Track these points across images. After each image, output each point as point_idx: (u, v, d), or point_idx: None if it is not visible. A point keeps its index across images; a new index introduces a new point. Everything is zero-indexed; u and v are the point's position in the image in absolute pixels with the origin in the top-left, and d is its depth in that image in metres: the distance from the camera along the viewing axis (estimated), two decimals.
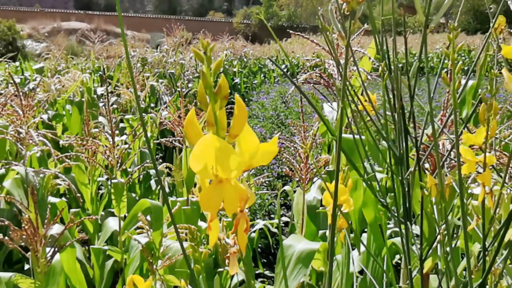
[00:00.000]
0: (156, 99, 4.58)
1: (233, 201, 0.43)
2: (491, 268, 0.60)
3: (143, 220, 1.59)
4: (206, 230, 2.48)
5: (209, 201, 0.43)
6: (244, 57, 10.21)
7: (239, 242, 0.45)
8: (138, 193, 2.77)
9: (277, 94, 8.36)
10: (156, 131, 3.10)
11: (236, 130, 0.43)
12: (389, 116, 0.87)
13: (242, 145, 0.44)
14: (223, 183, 0.42)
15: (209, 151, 0.40)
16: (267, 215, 3.76)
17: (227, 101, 0.42)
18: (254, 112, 6.86)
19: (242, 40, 14.18)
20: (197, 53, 0.40)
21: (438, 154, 0.69)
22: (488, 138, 0.61)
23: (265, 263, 3.19)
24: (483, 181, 0.63)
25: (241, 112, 0.43)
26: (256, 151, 0.43)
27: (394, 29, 0.79)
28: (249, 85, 9.54)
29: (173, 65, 5.68)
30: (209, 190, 0.43)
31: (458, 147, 0.57)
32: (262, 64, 12.34)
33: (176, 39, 6.16)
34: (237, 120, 0.43)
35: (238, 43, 11.55)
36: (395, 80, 0.79)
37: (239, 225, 0.45)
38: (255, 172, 3.99)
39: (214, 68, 0.42)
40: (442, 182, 0.69)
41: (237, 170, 0.41)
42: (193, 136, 0.42)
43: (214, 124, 0.42)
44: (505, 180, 0.64)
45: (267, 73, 12.07)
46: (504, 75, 0.47)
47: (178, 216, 1.97)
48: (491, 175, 0.62)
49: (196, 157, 0.41)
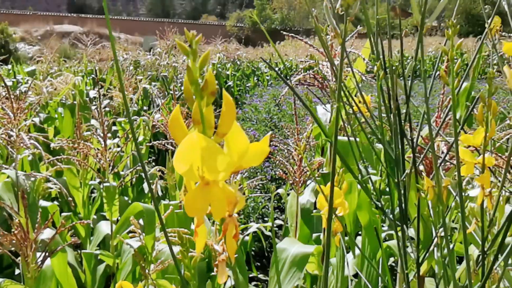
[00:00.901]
0: (149, 102, 4.55)
1: (220, 205, 0.40)
2: (490, 272, 0.59)
3: (135, 224, 1.57)
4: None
5: (194, 205, 0.40)
6: (237, 60, 10.20)
7: (228, 248, 0.43)
8: (130, 197, 2.75)
9: (270, 97, 8.35)
10: (149, 134, 3.08)
11: (224, 128, 0.40)
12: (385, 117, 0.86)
13: (230, 144, 0.41)
14: (210, 186, 0.39)
15: (194, 150, 0.37)
16: (260, 218, 3.75)
17: (214, 97, 0.39)
18: (247, 115, 6.85)
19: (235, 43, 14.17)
20: (182, 46, 0.38)
21: (435, 155, 0.68)
22: (487, 139, 0.60)
23: (259, 266, 3.17)
24: (482, 182, 0.62)
25: (229, 109, 0.40)
26: (246, 150, 0.40)
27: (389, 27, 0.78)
28: (242, 88, 9.53)
29: (166, 68, 5.65)
30: (195, 193, 0.40)
31: (457, 147, 0.56)
32: (255, 67, 12.33)
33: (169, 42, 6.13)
34: (225, 118, 0.40)
35: (231, 46, 11.54)
36: (390, 80, 0.78)
37: (227, 230, 0.42)
38: (248, 175, 3.98)
39: (201, 62, 0.39)
40: (440, 184, 0.67)
41: (225, 171, 0.38)
42: (178, 135, 0.39)
43: (201, 122, 0.39)
44: (504, 182, 0.63)
45: (260, 76, 12.07)
46: (505, 72, 0.46)
47: (171, 219, 1.95)
48: (490, 177, 0.61)
49: (180, 157, 0.38)
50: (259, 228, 2.78)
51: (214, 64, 8.19)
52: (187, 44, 0.41)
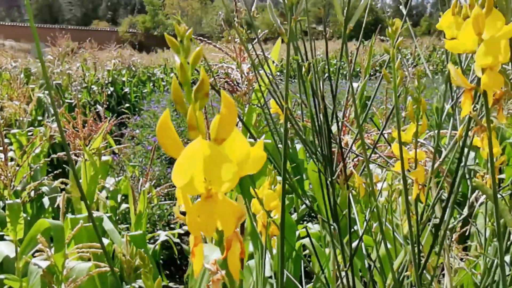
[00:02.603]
0: (43, 111, 4.31)
1: (230, 219, 0.36)
2: (426, 262, 0.61)
3: (43, 242, 1.47)
4: (109, 246, 2.35)
5: (202, 222, 0.36)
6: (132, 66, 9.97)
7: (231, 267, 0.39)
8: (29, 213, 2.57)
9: (168, 103, 8.25)
10: (47, 146, 2.91)
11: (224, 133, 0.36)
12: (307, 115, 0.87)
13: (230, 151, 0.36)
14: (213, 199, 0.35)
15: (196, 160, 0.34)
16: (167, 225, 3.69)
17: (207, 99, 0.35)
18: (146, 121, 6.72)
19: (129, 49, 13.84)
20: (172, 42, 0.34)
21: (365, 153, 0.70)
22: (419, 134, 0.62)
23: (168, 274, 3.11)
24: (415, 177, 0.64)
25: (230, 112, 0.36)
26: (247, 158, 0.36)
27: (309, 30, 0.79)
28: (139, 95, 9.32)
29: (59, 75, 5.38)
30: (198, 209, 0.36)
31: (401, 143, 0.57)
32: (151, 73, 12.14)
33: (61, 48, 5.85)
34: (224, 122, 0.36)
35: (125, 52, 11.25)
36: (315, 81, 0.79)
37: (231, 248, 0.38)
38: (157, 183, 3.89)
39: (193, 60, 0.35)
40: (371, 180, 0.69)
41: (231, 181, 0.34)
42: (168, 143, 0.35)
43: (196, 128, 0.35)
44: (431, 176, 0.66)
45: (156, 81, 11.90)
46: (451, 70, 0.48)
47: (79, 235, 1.85)
48: (424, 171, 0.63)
49: (180, 170, 0.34)
50: (168, 235, 2.73)
51: (109, 70, 7.94)
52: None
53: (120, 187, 3.04)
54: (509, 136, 2.53)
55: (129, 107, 7.99)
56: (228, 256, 0.38)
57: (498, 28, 0.45)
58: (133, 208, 2.41)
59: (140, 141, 5.46)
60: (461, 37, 0.47)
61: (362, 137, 0.69)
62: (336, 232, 0.79)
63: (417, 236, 0.63)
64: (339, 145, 0.80)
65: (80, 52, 8.06)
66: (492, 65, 0.45)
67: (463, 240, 1.63)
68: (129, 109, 7.91)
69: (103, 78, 7.28)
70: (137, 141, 5.50)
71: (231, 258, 0.38)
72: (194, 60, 0.34)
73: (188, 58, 0.35)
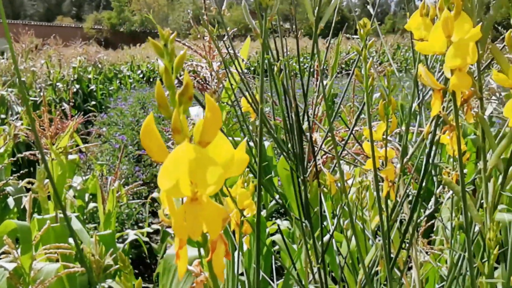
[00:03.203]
0: (6, 109, 4.21)
1: (216, 221, 0.36)
2: (397, 257, 0.62)
3: (10, 244, 1.44)
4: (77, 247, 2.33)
5: (188, 225, 0.36)
6: (98, 63, 9.83)
7: (215, 268, 0.39)
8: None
9: (135, 100, 8.18)
10: (11, 144, 2.85)
11: (208, 136, 0.36)
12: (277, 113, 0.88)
13: (214, 154, 0.36)
14: (199, 202, 0.35)
15: (182, 163, 0.34)
16: (135, 224, 3.66)
17: (191, 102, 0.36)
18: (113, 119, 6.65)
19: (95, 45, 13.63)
20: (156, 46, 0.34)
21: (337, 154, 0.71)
22: (389, 133, 0.63)
23: (137, 273, 3.09)
24: (386, 175, 0.65)
25: (215, 116, 0.36)
26: (231, 160, 0.37)
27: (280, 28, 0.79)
28: (105, 92, 9.21)
29: (23, 72, 5.26)
30: (183, 212, 0.36)
31: (372, 142, 0.58)
32: (117, 70, 12.00)
33: (25, 45, 5.72)
34: (209, 125, 0.36)
35: (91, 48, 11.09)
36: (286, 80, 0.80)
37: (216, 249, 0.38)
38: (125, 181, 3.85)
39: (177, 64, 0.35)
40: (343, 178, 0.70)
41: (216, 184, 0.34)
42: (152, 146, 0.35)
43: (181, 131, 0.35)
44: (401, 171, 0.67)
45: (123, 79, 11.77)
46: (421, 71, 0.49)
47: (46, 235, 1.82)
48: (394, 169, 0.65)
49: (166, 173, 0.34)
50: (137, 235, 2.71)
51: (75, 68, 7.80)
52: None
53: (87, 186, 3.00)
54: (471, 133, 2.59)
55: (96, 104, 7.88)
56: (213, 258, 0.38)
57: (466, 31, 0.47)
58: (102, 208, 2.38)
59: (107, 139, 5.40)
60: (431, 39, 0.48)
61: (333, 136, 0.70)
62: (308, 229, 0.81)
63: (387, 232, 0.64)
64: (310, 143, 0.81)
65: (44, 48, 7.90)
66: (460, 67, 0.47)
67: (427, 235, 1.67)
68: (96, 107, 7.80)
69: (68, 76, 7.16)
70: (104, 139, 5.44)
71: (216, 259, 0.38)
72: (178, 63, 0.34)
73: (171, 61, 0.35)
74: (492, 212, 0.57)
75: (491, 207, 0.57)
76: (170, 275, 1.48)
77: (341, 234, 1.45)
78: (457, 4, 0.46)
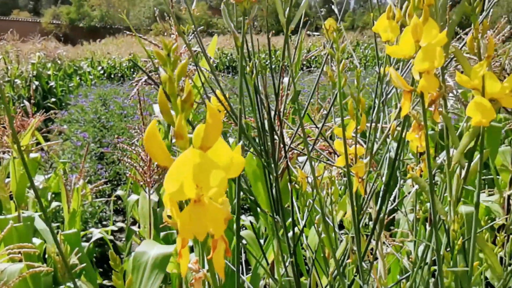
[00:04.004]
0: None
1: (220, 221, 0.38)
2: (366, 250, 0.65)
3: None
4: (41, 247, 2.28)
5: (194, 225, 0.37)
6: (58, 59, 9.63)
7: (216, 266, 0.40)
8: None
9: (96, 97, 8.06)
10: None
11: (209, 141, 0.38)
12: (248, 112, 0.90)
13: (215, 158, 0.38)
14: (202, 203, 0.37)
15: (187, 168, 0.35)
16: (99, 222, 3.63)
17: (192, 109, 0.37)
18: (74, 116, 6.54)
19: (54, 41, 13.34)
20: (160, 56, 0.35)
21: (308, 148, 0.73)
22: (358, 131, 0.66)
23: (102, 272, 3.07)
24: (356, 171, 0.68)
25: (215, 121, 0.37)
26: (230, 164, 0.38)
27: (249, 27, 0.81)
28: (65, 89, 9.03)
29: None
30: (190, 213, 0.37)
31: (345, 140, 0.61)
32: (77, 66, 11.79)
33: None
34: (210, 131, 0.38)
35: (50, 44, 10.84)
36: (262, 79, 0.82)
37: (217, 247, 0.39)
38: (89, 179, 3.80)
39: (179, 73, 0.36)
40: (314, 174, 0.73)
41: (219, 187, 0.36)
42: (156, 152, 0.37)
43: (184, 137, 0.37)
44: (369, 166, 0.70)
45: (83, 75, 11.58)
46: (391, 73, 0.52)
47: (9, 235, 1.80)
48: (364, 166, 0.68)
49: (172, 177, 0.35)
50: (102, 233, 2.69)
51: (33, 64, 7.63)
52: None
53: (49, 185, 2.96)
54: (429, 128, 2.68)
55: (56, 101, 7.73)
56: (213, 256, 0.40)
57: (433, 36, 0.50)
58: (67, 206, 2.36)
59: (68, 137, 5.31)
60: (401, 44, 0.51)
61: (304, 133, 0.73)
62: (279, 225, 0.83)
63: (357, 227, 0.67)
64: (282, 141, 0.84)
65: (1, 44, 7.69)
66: (429, 69, 0.50)
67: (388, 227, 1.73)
68: (56, 104, 7.65)
69: (27, 72, 7.00)
70: (65, 137, 5.35)
71: (216, 257, 0.40)
72: (180, 72, 0.35)
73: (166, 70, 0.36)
74: (455, 205, 0.60)
75: (454, 201, 0.61)
76: (140, 273, 1.48)
77: (307, 229, 1.48)
78: (425, 10, 0.49)
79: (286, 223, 0.79)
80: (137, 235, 2.73)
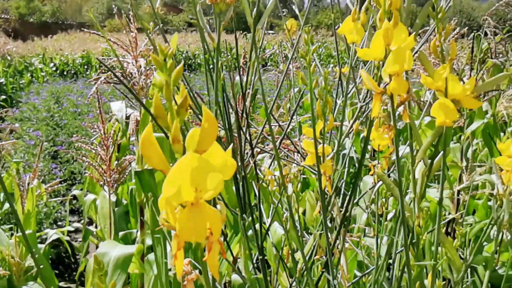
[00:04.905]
0: None
1: (217, 223, 0.39)
2: (334, 247, 0.67)
3: None
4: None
5: (193, 228, 0.38)
6: (7, 55, 9.34)
7: (210, 267, 0.41)
8: None
9: (49, 94, 7.87)
10: None
11: (205, 145, 0.38)
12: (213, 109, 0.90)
13: (210, 161, 0.38)
14: (198, 206, 0.38)
15: (185, 171, 0.36)
16: (54, 223, 3.55)
17: (187, 114, 0.37)
18: (25, 115, 6.36)
19: (3, 36, 12.93)
20: (157, 61, 0.35)
21: (275, 146, 0.75)
22: (326, 131, 0.68)
23: (58, 274, 3.01)
24: (324, 170, 0.70)
25: (211, 125, 0.38)
26: (225, 166, 0.39)
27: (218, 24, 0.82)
28: (16, 86, 8.78)
29: None
30: (188, 216, 0.38)
31: (316, 140, 0.62)
32: (28, 62, 11.47)
33: None
34: (205, 135, 0.38)
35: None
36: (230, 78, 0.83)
37: (212, 249, 0.40)
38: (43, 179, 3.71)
39: (174, 78, 0.36)
40: (282, 173, 0.74)
41: (215, 189, 0.37)
42: (152, 157, 0.37)
43: (181, 141, 0.37)
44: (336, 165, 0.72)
45: (35, 72, 11.27)
46: (363, 75, 0.53)
47: None
48: (331, 164, 0.70)
49: (171, 182, 0.36)
50: (58, 234, 2.63)
51: None
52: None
53: None
54: None
55: (6, 99, 7.50)
56: (208, 257, 0.40)
57: (403, 39, 0.52)
58: (21, 207, 2.30)
59: (20, 136, 5.16)
60: (372, 47, 0.53)
61: (272, 132, 0.74)
62: (247, 222, 0.84)
63: (325, 224, 0.69)
64: (250, 140, 0.85)
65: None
66: (399, 72, 0.52)
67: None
68: (6, 101, 7.43)
69: None
70: (17, 135, 5.20)
71: (211, 259, 0.40)
72: (176, 77, 0.36)
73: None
74: (419, 202, 0.63)
75: (418, 197, 0.63)
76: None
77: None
78: (395, 15, 0.51)
79: (254, 221, 0.80)
80: (94, 235, 2.69)
